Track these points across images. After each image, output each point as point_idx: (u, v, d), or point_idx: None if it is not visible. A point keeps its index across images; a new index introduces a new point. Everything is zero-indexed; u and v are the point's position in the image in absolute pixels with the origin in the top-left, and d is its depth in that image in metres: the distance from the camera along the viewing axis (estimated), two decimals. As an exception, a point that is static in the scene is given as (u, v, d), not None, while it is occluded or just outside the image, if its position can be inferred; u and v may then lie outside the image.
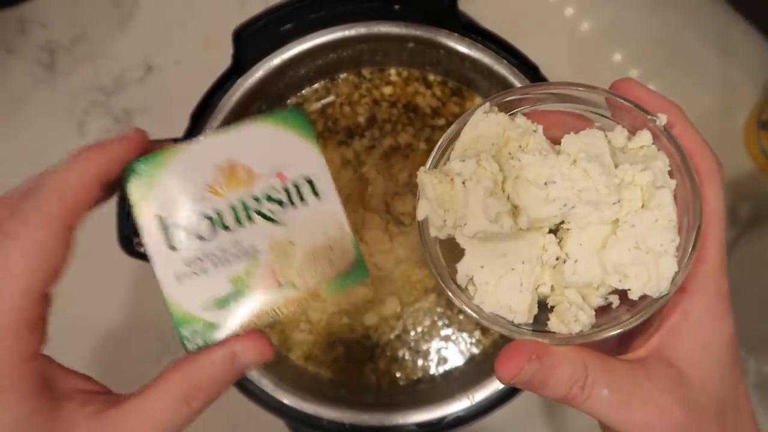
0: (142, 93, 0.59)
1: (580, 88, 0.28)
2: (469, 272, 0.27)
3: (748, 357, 0.57)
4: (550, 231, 0.27)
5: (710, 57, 0.60)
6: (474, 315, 0.27)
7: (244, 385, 0.43)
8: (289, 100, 0.51)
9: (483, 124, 0.27)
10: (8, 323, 0.21)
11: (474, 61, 0.46)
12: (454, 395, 0.44)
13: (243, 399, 0.43)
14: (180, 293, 0.25)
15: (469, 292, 0.27)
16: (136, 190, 0.25)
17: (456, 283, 0.28)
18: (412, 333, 0.49)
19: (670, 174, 0.26)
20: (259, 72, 0.46)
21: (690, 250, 0.25)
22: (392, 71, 0.51)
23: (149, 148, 0.26)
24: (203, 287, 0.25)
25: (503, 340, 0.48)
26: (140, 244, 0.43)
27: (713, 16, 0.61)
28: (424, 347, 0.49)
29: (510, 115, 0.28)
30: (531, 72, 0.45)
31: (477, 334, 0.49)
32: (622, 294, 0.26)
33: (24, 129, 0.58)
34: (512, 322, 0.27)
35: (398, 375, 0.48)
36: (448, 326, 0.49)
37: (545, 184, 0.25)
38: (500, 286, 0.26)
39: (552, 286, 0.27)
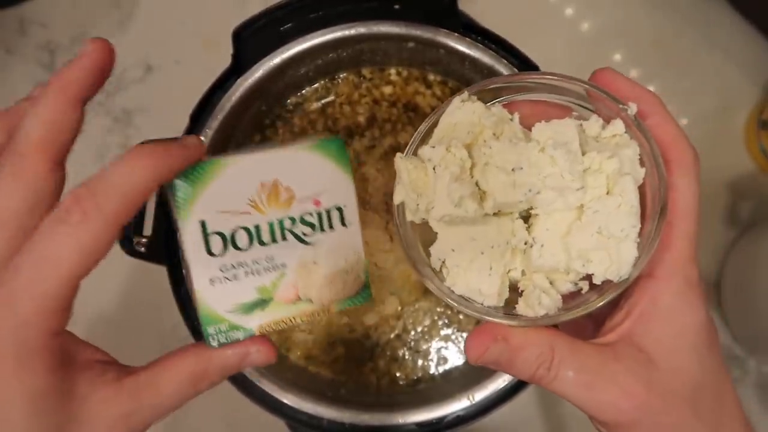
0: (142, 93, 0.59)
1: (557, 78, 0.28)
2: (441, 255, 0.28)
3: (748, 357, 0.57)
4: (523, 217, 0.27)
5: (710, 57, 0.60)
6: (445, 298, 0.28)
7: (244, 385, 0.43)
8: (289, 100, 0.51)
9: (459, 112, 0.28)
10: (47, 305, 0.23)
11: (474, 61, 0.46)
12: (454, 395, 0.44)
13: (243, 399, 0.43)
14: (210, 295, 0.27)
15: (443, 274, 0.28)
16: (182, 194, 0.26)
17: (431, 267, 0.28)
18: (412, 333, 0.49)
19: (642, 162, 0.26)
20: (258, 72, 0.46)
21: (652, 235, 0.25)
22: (392, 71, 0.51)
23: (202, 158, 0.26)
24: (232, 292, 0.27)
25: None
26: (140, 244, 0.43)
27: (713, 16, 0.61)
28: (424, 347, 0.49)
29: (490, 104, 0.28)
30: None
31: (477, 333, 0.49)
32: (591, 280, 0.27)
33: (24, 129, 0.58)
34: (482, 304, 0.27)
35: (398, 375, 0.48)
36: (448, 326, 0.49)
37: (512, 170, 0.26)
38: (470, 270, 0.27)
39: (523, 271, 0.27)
